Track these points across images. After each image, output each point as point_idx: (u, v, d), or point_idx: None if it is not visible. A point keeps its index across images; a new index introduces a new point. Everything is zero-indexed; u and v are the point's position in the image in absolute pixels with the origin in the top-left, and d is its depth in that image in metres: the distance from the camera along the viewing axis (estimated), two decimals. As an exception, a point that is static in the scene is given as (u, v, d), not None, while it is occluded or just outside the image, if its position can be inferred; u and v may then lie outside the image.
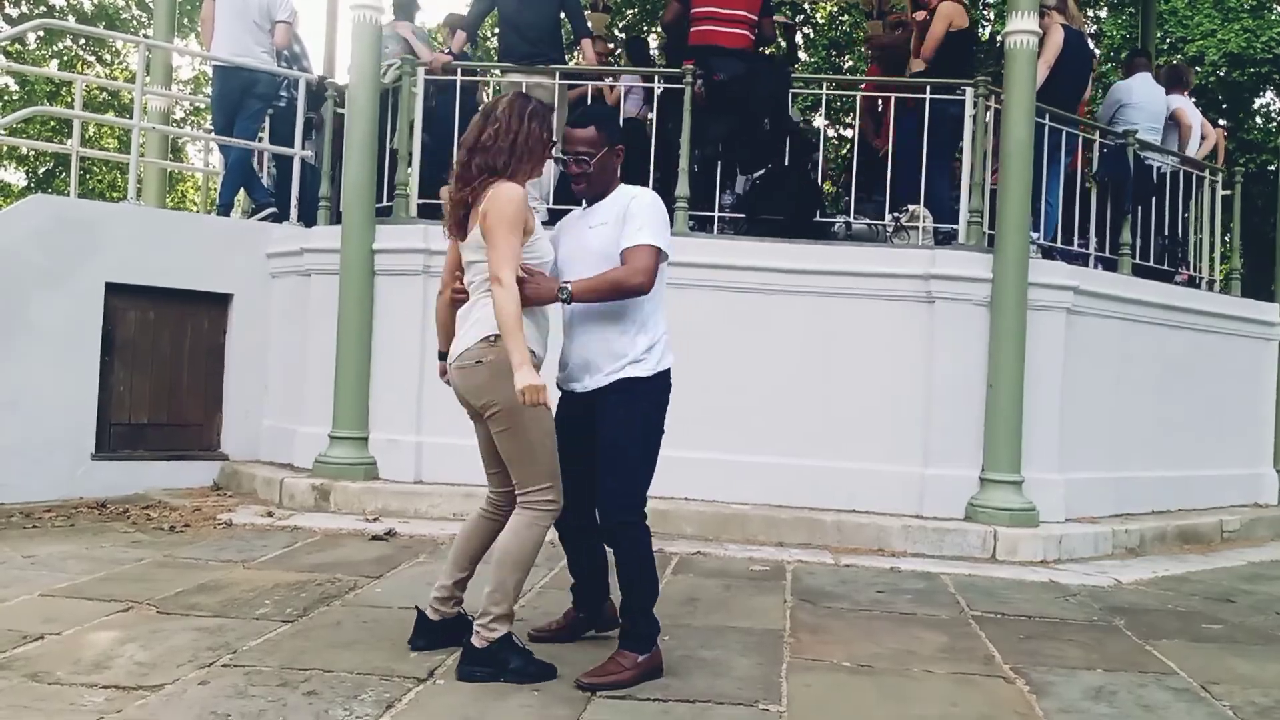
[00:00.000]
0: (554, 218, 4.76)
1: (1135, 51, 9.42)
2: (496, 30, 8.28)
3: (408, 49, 7.58)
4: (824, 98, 7.94)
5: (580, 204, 3.85)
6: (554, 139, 3.76)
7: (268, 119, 8.05)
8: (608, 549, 3.78)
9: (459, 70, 7.08)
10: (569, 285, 3.50)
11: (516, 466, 3.49)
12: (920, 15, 7.46)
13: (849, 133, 16.77)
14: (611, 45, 12.76)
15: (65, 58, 19.57)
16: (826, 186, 10.29)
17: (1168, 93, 8.22)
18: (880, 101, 8.01)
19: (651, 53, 12.22)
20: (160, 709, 3.05)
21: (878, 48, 8.84)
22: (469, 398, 3.57)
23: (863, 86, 8.14)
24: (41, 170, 19.64)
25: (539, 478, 3.46)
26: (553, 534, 3.68)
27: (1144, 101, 7.92)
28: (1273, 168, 15.73)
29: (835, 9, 18.74)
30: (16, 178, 20.65)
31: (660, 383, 3.63)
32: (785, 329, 6.33)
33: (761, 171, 7.19)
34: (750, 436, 6.28)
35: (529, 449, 3.45)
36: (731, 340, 6.34)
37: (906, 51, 7.71)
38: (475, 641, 3.45)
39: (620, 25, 16.98)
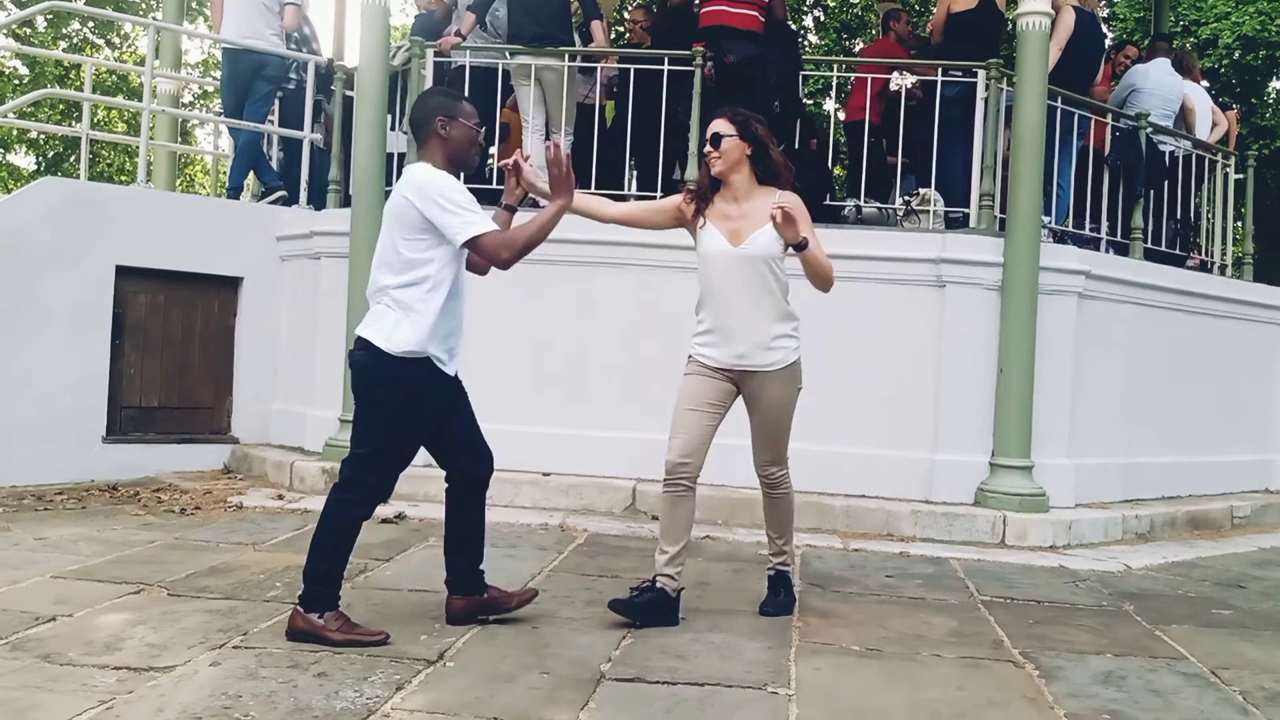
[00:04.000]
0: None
1: (1157, 36, 9.35)
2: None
3: None
4: (834, 80, 7.90)
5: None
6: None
7: (277, 102, 8.04)
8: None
9: (468, 52, 7.06)
10: None
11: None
12: None
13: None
14: (621, 28, 12.71)
15: (74, 40, 19.56)
16: (837, 170, 10.26)
17: None
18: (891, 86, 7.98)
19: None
20: (171, 690, 3.07)
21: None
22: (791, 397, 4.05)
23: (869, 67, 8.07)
24: (51, 153, 19.64)
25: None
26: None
27: (1158, 88, 7.86)
28: (1286, 152, 15.64)
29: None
30: (26, 161, 20.67)
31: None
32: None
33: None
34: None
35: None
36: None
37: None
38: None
39: (630, 7, 16.89)
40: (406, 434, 3.66)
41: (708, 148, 3.96)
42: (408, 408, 3.63)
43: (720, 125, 3.95)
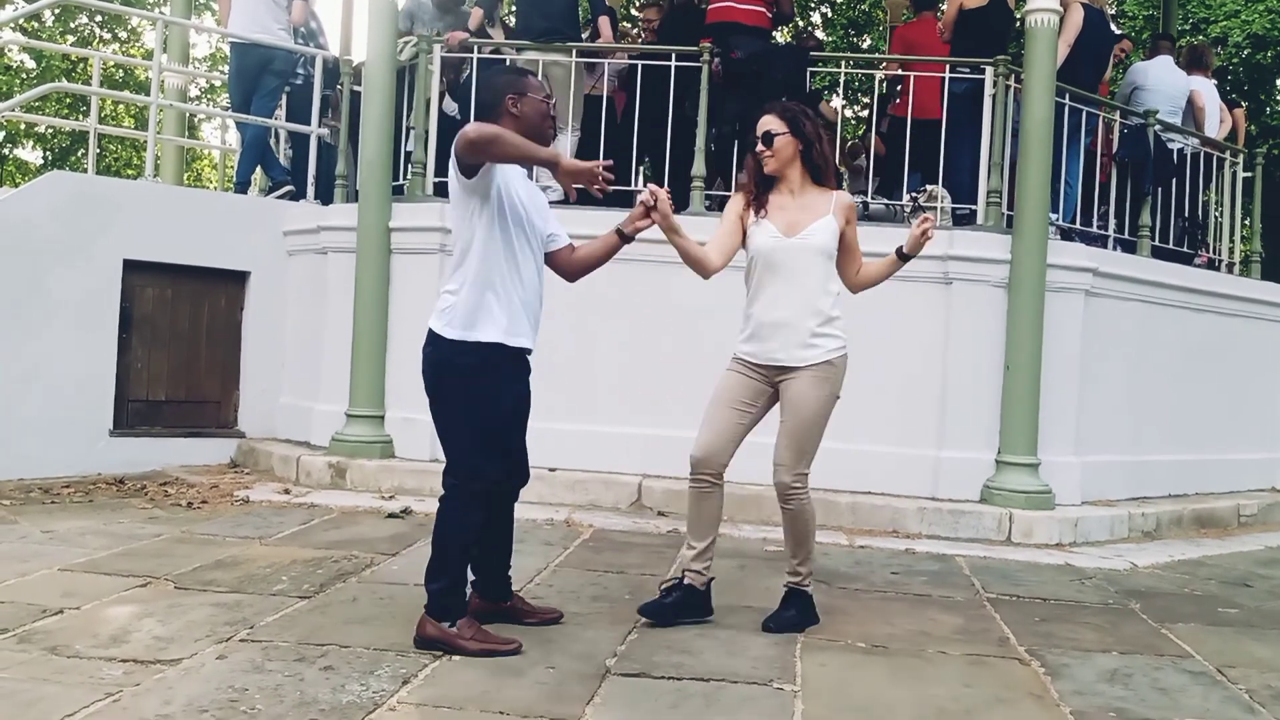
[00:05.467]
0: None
1: (1158, 35, 9.33)
2: (514, 8, 8.25)
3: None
4: (842, 77, 7.89)
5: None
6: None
7: (284, 96, 8.05)
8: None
9: (475, 48, 7.06)
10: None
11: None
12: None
13: (865, 113, 16.67)
14: (628, 24, 12.70)
15: (81, 35, 19.58)
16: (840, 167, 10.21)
17: (1189, 74, 8.14)
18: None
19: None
20: (178, 683, 3.07)
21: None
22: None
23: (884, 67, 8.05)
24: (59, 148, 19.67)
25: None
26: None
27: (1159, 85, 7.84)
28: (1295, 150, 15.58)
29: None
30: (34, 156, 20.71)
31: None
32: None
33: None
34: (765, 418, 6.25)
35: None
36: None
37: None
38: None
39: (640, 4, 16.87)
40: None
41: (759, 146, 3.89)
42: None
43: (771, 123, 3.88)
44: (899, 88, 7.80)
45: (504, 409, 3.61)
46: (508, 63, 7.19)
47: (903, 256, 3.97)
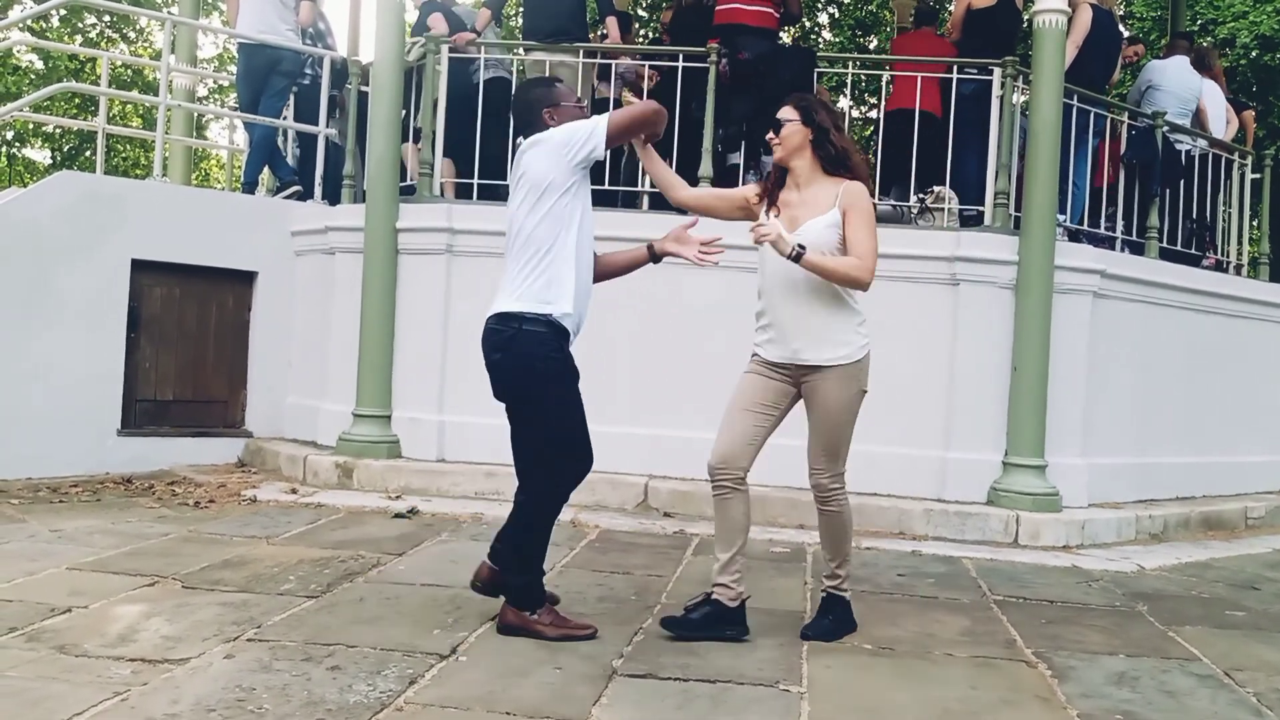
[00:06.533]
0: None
1: (1177, 34, 9.30)
2: (521, 8, 8.26)
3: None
4: (849, 78, 7.88)
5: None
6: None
7: (292, 97, 8.06)
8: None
9: (482, 49, 7.07)
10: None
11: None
12: None
13: (874, 114, 16.65)
14: (636, 25, 12.70)
15: (89, 36, 19.64)
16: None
17: None
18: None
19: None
20: (185, 682, 3.08)
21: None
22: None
23: (892, 66, 8.04)
24: (67, 148, 19.73)
25: None
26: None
27: (1175, 86, 7.82)
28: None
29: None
30: (42, 155, 20.77)
31: None
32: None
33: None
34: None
35: None
36: (753, 322, 6.31)
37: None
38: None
39: (645, 4, 16.89)
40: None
41: (770, 134, 3.87)
42: None
43: (784, 111, 3.84)
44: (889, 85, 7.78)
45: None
46: (512, 64, 7.22)
47: (795, 259, 3.67)
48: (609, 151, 3.84)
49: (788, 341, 3.80)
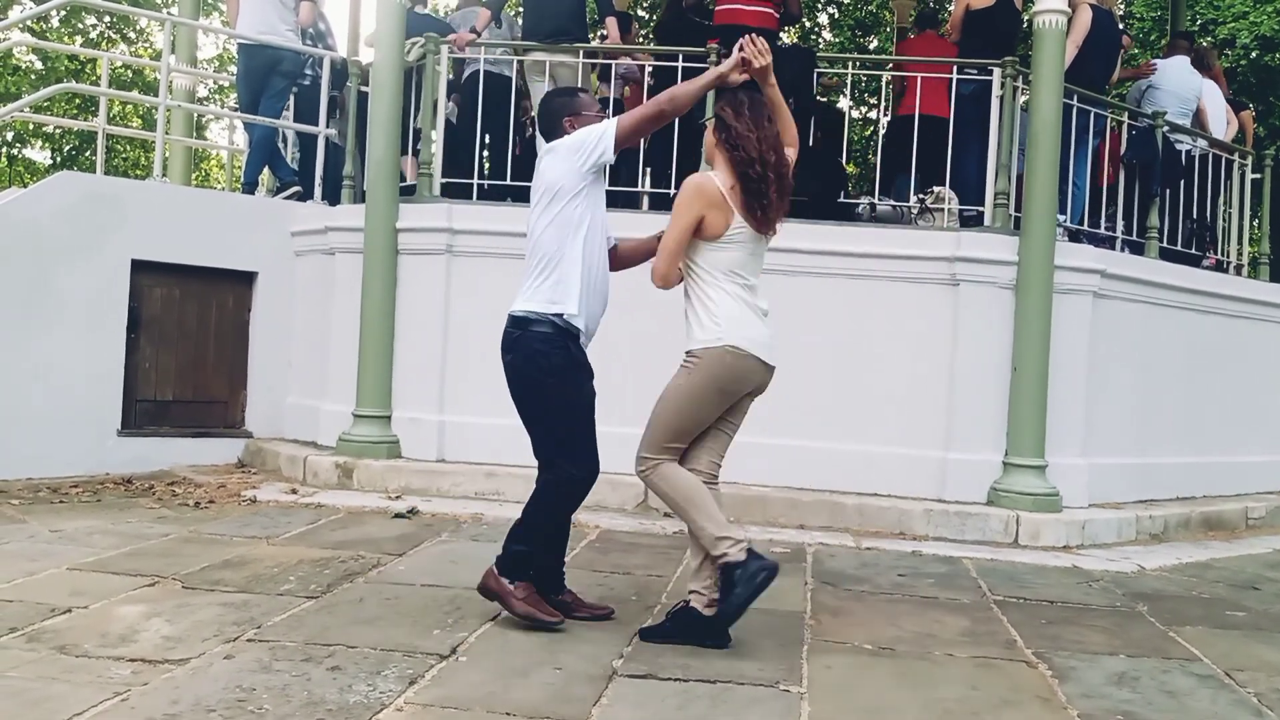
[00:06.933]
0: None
1: (1177, 34, 9.30)
2: (521, 9, 8.27)
3: None
4: (849, 78, 7.88)
5: None
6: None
7: (292, 97, 8.06)
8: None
9: (482, 49, 7.07)
10: None
11: None
12: None
13: (874, 114, 16.66)
14: (636, 25, 12.69)
15: (89, 36, 19.63)
16: (850, 168, 10.21)
17: None
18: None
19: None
20: (186, 682, 3.08)
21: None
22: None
23: (894, 68, 8.05)
24: (67, 148, 19.71)
25: None
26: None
27: (1174, 86, 7.82)
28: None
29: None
30: (42, 156, 20.75)
31: None
32: (808, 311, 6.30)
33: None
34: (772, 418, 6.22)
35: None
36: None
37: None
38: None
39: (643, 4, 16.88)
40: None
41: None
42: None
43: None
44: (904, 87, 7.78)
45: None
46: (514, 64, 7.22)
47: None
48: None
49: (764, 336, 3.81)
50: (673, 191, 6.22)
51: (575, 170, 3.71)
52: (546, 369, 3.73)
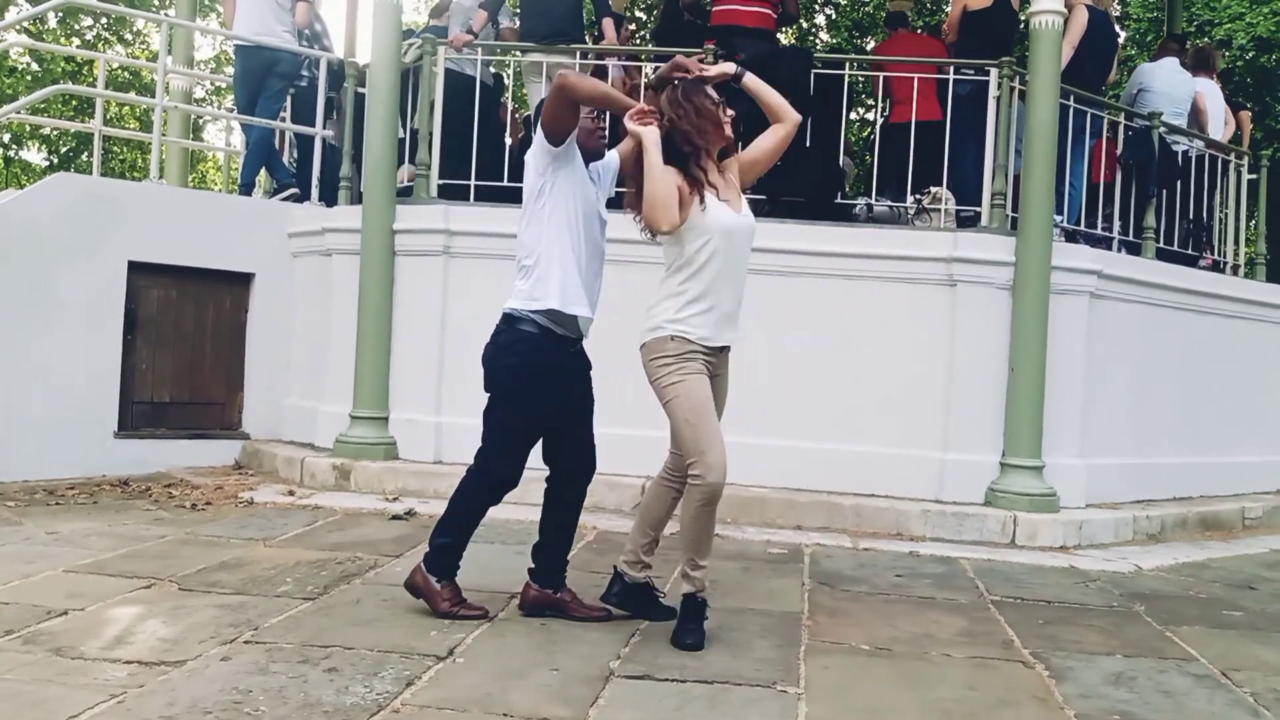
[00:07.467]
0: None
1: (1170, 36, 9.31)
2: (518, 10, 8.26)
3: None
4: (845, 79, 7.87)
5: None
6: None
7: (289, 99, 8.06)
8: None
9: (479, 50, 7.06)
10: None
11: None
12: None
13: (870, 115, 16.64)
14: (633, 26, 12.71)
15: (85, 37, 19.61)
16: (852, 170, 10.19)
17: (1193, 75, 8.11)
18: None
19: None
20: (182, 684, 3.08)
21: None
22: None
23: (889, 70, 8.04)
24: (64, 149, 19.68)
25: None
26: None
27: (1165, 88, 7.81)
28: (1300, 153, 15.50)
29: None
30: (38, 157, 20.73)
31: None
32: (805, 312, 6.31)
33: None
34: (769, 420, 6.26)
35: None
36: (750, 323, 6.28)
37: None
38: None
39: (641, 5, 16.89)
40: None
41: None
42: None
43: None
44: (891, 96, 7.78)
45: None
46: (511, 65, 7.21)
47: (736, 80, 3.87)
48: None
49: (733, 326, 3.87)
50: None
51: (536, 169, 3.81)
52: (512, 368, 3.81)
